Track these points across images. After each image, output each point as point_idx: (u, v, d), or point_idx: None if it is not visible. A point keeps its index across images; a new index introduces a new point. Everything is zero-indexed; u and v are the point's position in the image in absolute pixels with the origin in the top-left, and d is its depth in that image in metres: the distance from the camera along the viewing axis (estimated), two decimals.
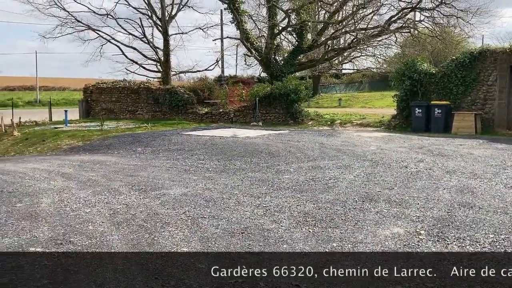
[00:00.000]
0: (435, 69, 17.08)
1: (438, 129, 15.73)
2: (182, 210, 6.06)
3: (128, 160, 10.81)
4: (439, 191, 6.99)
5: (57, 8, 26.41)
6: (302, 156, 10.45)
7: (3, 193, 7.08)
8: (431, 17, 23.42)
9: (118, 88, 24.34)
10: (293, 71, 25.44)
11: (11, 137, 17.50)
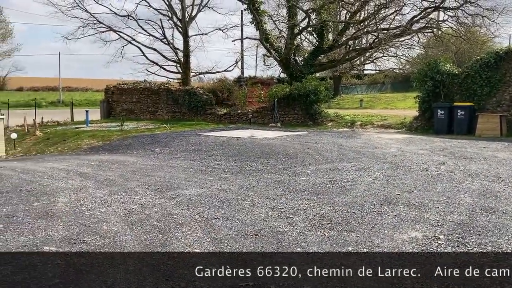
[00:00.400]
0: (458, 69, 16.70)
1: (461, 131, 15.37)
2: (197, 210, 6.02)
3: (146, 160, 10.85)
4: (460, 195, 6.79)
5: (79, 9, 26.82)
6: (320, 158, 10.32)
7: (22, 192, 7.16)
8: (455, 17, 22.89)
9: (139, 89, 24.56)
10: (313, 71, 25.23)
11: (33, 136, 17.81)
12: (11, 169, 9.55)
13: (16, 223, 5.46)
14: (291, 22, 23.61)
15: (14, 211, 6.01)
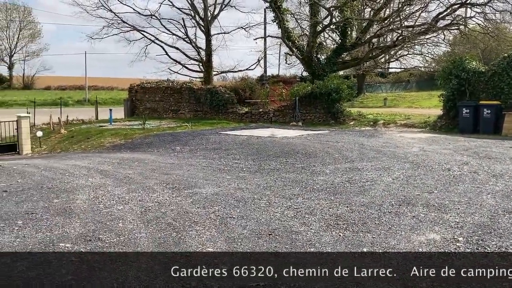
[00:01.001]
0: (484, 67, 16.27)
1: (487, 130, 14.97)
2: (212, 209, 6.02)
3: (166, 158, 10.93)
4: (483, 196, 6.61)
5: (104, 9, 27.28)
6: (339, 157, 10.21)
7: (43, 189, 7.30)
8: (482, 13, 22.35)
9: (162, 88, 24.79)
10: (336, 70, 25.02)
11: (58, 134, 18.19)
12: (34, 167, 9.75)
13: (35, 220, 5.56)
14: (313, 20, 23.46)
15: (34, 207, 6.13)
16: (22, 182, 7.90)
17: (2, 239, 4.85)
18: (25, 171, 9.12)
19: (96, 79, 63.94)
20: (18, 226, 5.31)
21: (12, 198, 6.70)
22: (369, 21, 25.01)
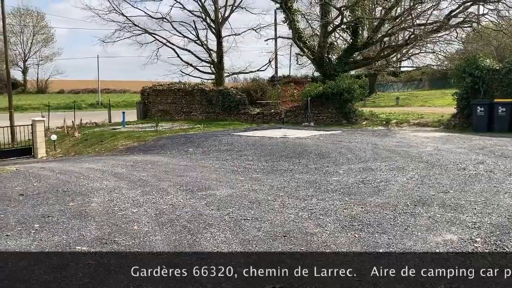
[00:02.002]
0: (499, 65, 16.08)
1: (502, 129, 14.78)
2: (226, 211, 6.02)
3: (179, 160, 10.97)
4: (500, 195, 6.52)
5: (115, 13, 27.50)
6: (353, 158, 10.15)
7: (58, 192, 7.37)
8: (495, 10, 22.05)
9: (174, 90, 24.91)
10: (347, 69, 24.90)
11: (72, 138, 18.37)
12: (49, 170, 9.85)
13: (52, 223, 5.61)
14: (324, 20, 23.36)
15: (50, 211, 6.18)
16: (38, 186, 7.99)
17: (20, 243, 4.91)
18: (41, 175, 9.21)
19: (108, 82, 64.52)
20: (35, 229, 5.37)
21: (28, 201, 6.77)
22: (380, 20, 24.83)
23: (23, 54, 66.33)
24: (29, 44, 66.35)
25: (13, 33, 62.96)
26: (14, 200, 6.83)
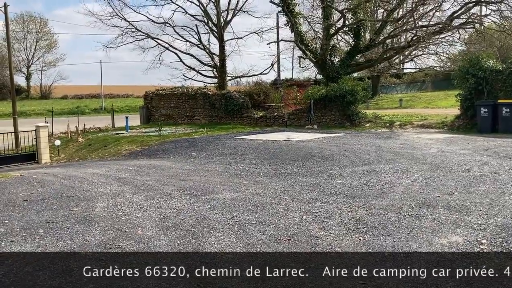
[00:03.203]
0: (502, 65, 16.03)
1: (507, 130, 14.72)
2: (230, 215, 6.01)
3: (183, 164, 10.96)
4: (505, 197, 6.48)
5: (118, 18, 27.58)
6: (356, 160, 10.13)
7: (63, 198, 7.38)
8: (498, 11, 22.02)
9: (176, 94, 24.96)
10: (350, 72, 24.89)
11: (76, 143, 18.40)
12: (53, 175, 9.87)
13: (56, 228, 5.61)
14: (326, 23, 23.37)
15: (55, 216, 6.19)
16: (42, 191, 8.00)
17: (24, 248, 4.91)
18: (45, 180, 9.23)
19: (111, 87, 64.69)
20: (39, 235, 5.37)
21: (32, 207, 6.78)
22: (383, 22, 24.83)
23: (27, 60, 66.66)
24: (32, 50, 66.70)
25: (17, 39, 63.30)
26: (18, 206, 6.84)
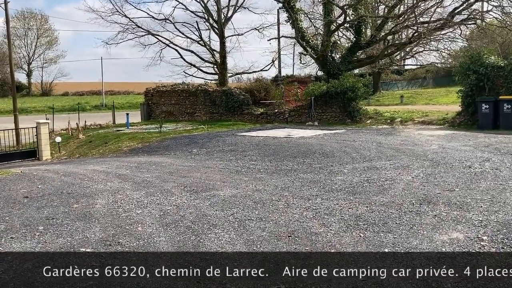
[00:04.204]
0: (503, 61, 15.98)
1: (508, 126, 14.68)
2: (231, 211, 6.00)
3: (183, 161, 10.96)
4: (506, 193, 6.46)
5: (118, 15, 27.50)
6: (357, 156, 10.11)
7: (63, 194, 7.37)
8: (500, 7, 21.93)
9: (177, 91, 24.93)
10: (351, 68, 24.81)
11: (77, 140, 18.40)
12: (54, 172, 9.87)
13: (56, 225, 5.61)
14: (327, 19, 23.29)
15: (55, 213, 6.18)
16: (43, 188, 8.00)
17: (24, 245, 4.91)
18: (45, 177, 9.23)
19: (112, 84, 64.66)
20: (39, 231, 5.37)
21: (33, 204, 6.78)
22: (384, 18, 24.76)
23: (28, 57, 66.62)
24: (33, 47, 66.65)
25: (17, 36, 63.25)
26: (18, 203, 6.84)
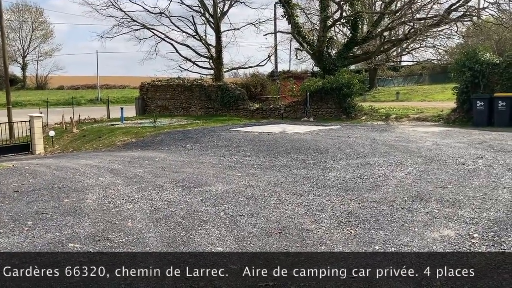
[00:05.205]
0: (499, 59, 15.97)
1: (502, 123, 14.69)
2: (222, 207, 5.96)
3: (177, 156, 10.90)
4: (498, 190, 6.45)
5: (114, 8, 27.31)
6: (351, 153, 10.08)
7: (54, 189, 7.31)
8: (495, 4, 21.94)
9: (172, 86, 24.81)
10: (347, 64, 24.76)
11: (70, 134, 18.29)
12: (46, 166, 9.80)
13: (45, 220, 5.55)
14: (323, 15, 23.23)
15: (44, 207, 6.13)
16: (34, 182, 7.93)
17: (12, 240, 4.85)
18: (37, 171, 9.16)
19: (108, 78, 64.35)
20: (28, 226, 5.31)
21: (23, 198, 6.72)
22: (380, 14, 24.70)
23: (22, 50, 66.10)
24: (28, 40, 66.08)
25: (12, 29, 62.73)
26: (8, 197, 6.77)
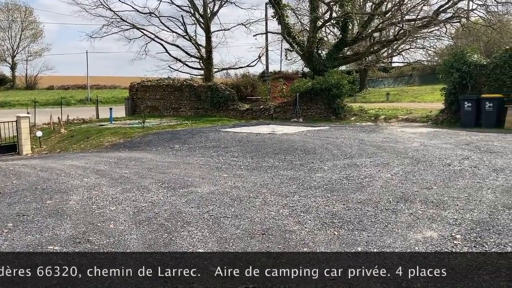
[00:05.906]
0: (486, 60, 16.07)
1: (489, 124, 14.79)
2: (206, 209, 5.92)
3: (164, 157, 10.84)
4: (483, 191, 6.48)
5: (103, 8, 27.17)
6: (338, 153, 10.08)
7: (37, 190, 7.22)
8: (484, 5, 22.12)
9: (162, 86, 24.70)
10: (337, 65, 24.82)
11: (58, 134, 18.12)
12: (31, 167, 9.69)
13: (26, 222, 5.48)
14: (313, 15, 23.26)
15: (26, 209, 6.05)
16: (17, 183, 7.84)
17: None
18: (22, 172, 9.05)
19: (98, 78, 63.91)
20: (8, 228, 5.24)
21: (5, 199, 6.63)
22: (370, 15, 24.77)
23: (12, 49, 65.43)
24: (17, 39, 65.39)
25: (1, 28, 62.19)
26: None
